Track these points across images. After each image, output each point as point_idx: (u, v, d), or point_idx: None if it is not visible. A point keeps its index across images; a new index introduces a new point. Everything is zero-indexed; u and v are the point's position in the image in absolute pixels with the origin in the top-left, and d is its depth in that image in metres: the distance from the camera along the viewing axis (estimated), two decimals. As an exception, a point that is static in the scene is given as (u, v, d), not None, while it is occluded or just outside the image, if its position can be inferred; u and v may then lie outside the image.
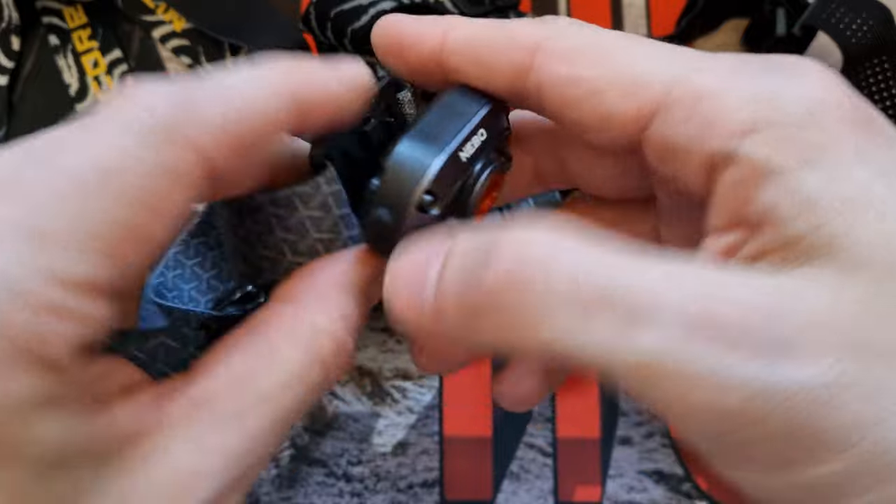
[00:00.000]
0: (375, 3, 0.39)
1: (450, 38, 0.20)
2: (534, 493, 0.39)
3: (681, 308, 0.16)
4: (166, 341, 0.20)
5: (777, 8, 0.41)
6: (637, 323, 0.16)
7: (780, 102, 0.17)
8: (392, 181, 0.19)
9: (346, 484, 0.39)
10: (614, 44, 0.19)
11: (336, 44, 0.40)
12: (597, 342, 0.16)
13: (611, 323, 0.16)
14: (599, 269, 0.16)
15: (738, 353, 0.15)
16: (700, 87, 0.18)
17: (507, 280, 0.16)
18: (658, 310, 0.16)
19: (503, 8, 0.42)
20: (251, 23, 0.43)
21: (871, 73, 0.39)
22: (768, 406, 0.15)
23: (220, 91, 0.18)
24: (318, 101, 0.19)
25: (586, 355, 0.16)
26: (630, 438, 0.40)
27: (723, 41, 0.44)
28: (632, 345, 0.16)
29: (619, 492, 0.39)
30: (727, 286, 0.16)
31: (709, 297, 0.16)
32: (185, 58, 0.44)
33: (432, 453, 0.39)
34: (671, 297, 0.16)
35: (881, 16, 0.38)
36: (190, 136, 0.17)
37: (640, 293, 0.16)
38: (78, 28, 0.44)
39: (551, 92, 0.20)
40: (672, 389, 0.16)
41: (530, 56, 0.20)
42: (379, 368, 0.40)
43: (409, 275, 0.18)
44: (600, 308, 0.16)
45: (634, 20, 0.45)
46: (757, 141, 0.17)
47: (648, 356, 0.16)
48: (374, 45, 0.22)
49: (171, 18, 0.44)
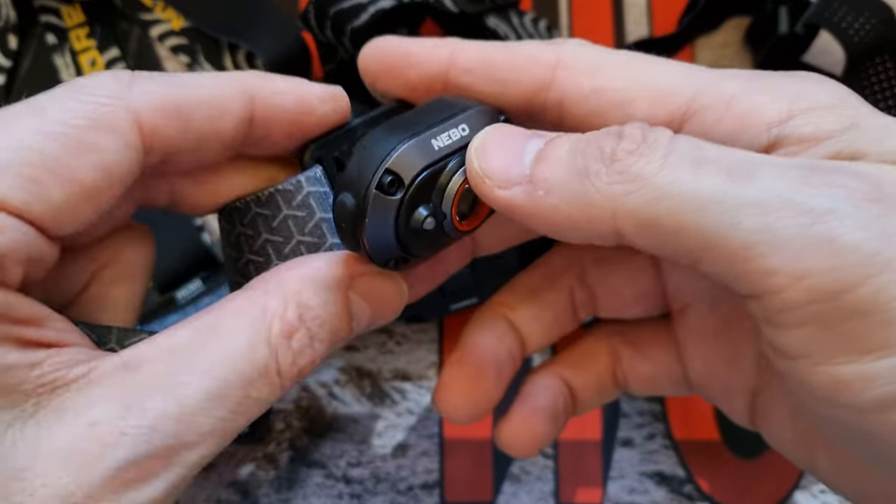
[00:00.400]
0: (375, 2, 0.39)
1: (460, 57, 0.21)
2: (534, 494, 0.39)
3: (787, 164, 0.17)
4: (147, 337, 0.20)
5: (779, 6, 0.41)
6: (745, 174, 0.17)
7: (808, 95, 0.19)
8: (354, 165, 0.19)
9: (345, 486, 0.39)
10: (632, 60, 0.21)
11: (335, 42, 0.40)
12: (707, 190, 0.17)
13: (719, 174, 0.17)
14: (705, 145, 0.18)
15: (853, 200, 0.16)
16: (729, 91, 0.19)
17: (635, 148, 0.17)
18: (764, 164, 0.17)
19: (503, 7, 0.42)
20: (250, 21, 0.42)
21: (874, 71, 0.39)
22: (889, 257, 0.15)
23: (172, 76, 0.20)
24: (275, 102, 0.20)
25: (696, 206, 0.17)
26: (631, 440, 0.39)
27: (724, 40, 0.44)
28: (741, 190, 0.16)
29: (621, 493, 0.39)
30: (827, 161, 0.18)
31: (812, 161, 0.17)
32: (183, 56, 0.44)
33: (432, 455, 0.39)
34: (770, 159, 0.17)
35: (883, 14, 0.38)
36: (126, 98, 0.18)
37: (743, 156, 0.17)
38: (76, 27, 0.44)
39: (575, 105, 0.21)
40: (784, 243, 0.16)
41: (551, 71, 0.21)
42: (378, 370, 0.40)
43: (502, 146, 0.19)
44: (710, 164, 0.17)
45: (636, 18, 0.44)
46: (798, 123, 0.18)
47: (762, 195, 0.16)
48: (365, 66, 0.23)
49: (170, 17, 0.44)
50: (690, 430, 0.39)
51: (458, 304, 0.37)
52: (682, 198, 0.16)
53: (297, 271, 0.20)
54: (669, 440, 0.39)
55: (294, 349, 0.19)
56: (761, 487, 0.39)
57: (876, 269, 0.15)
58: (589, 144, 0.18)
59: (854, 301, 0.15)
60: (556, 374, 0.25)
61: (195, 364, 0.18)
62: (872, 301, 0.15)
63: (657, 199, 0.17)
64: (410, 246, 0.20)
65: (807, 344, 0.17)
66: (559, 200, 0.18)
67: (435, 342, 0.40)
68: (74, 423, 0.16)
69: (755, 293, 0.17)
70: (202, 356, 0.18)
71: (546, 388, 0.25)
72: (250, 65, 0.43)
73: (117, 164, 0.18)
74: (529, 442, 0.25)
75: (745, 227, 0.16)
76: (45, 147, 0.17)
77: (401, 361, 0.40)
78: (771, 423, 0.23)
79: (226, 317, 0.19)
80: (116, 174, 0.18)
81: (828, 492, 0.39)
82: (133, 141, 0.18)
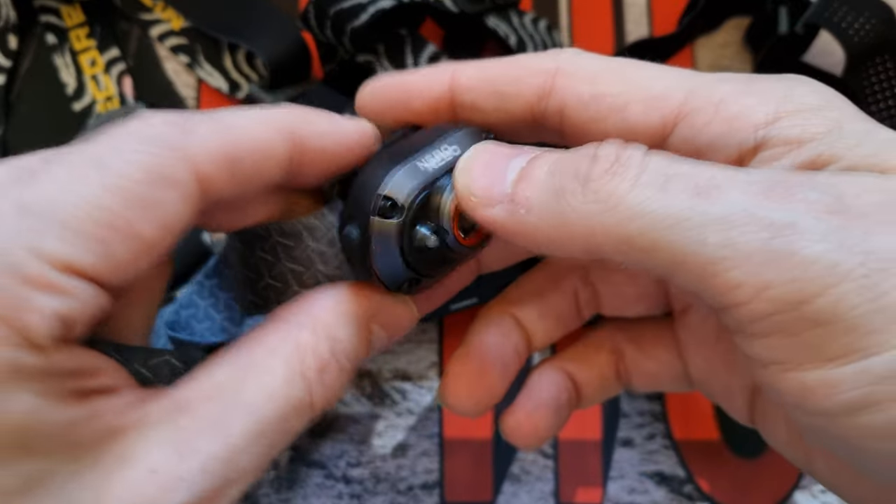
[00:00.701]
0: (375, 2, 0.39)
1: (461, 76, 0.22)
2: (534, 494, 0.39)
3: (750, 179, 0.17)
4: (171, 360, 0.20)
5: (779, 6, 0.41)
6: (711, 190, 0.17)
7: (796, 97, 0.19)
8: (353, 197, 0.20)
9: (345, 486, 0.39)
10: (628, 66, 0.21)
11: (335, 42, 0.40)
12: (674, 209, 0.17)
13: (686, 193, 0.17)
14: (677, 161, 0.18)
15: (814, 213, 0.16)
16: (719, 94, 0.20)
17: (609, 167, 0.18)
18: (728, 180, 0.17)
19: (503, 7, 0.42)
20: (250, 21, 0.42)
21: (874, 71, 0.39)
22: (848, 268, 0.16)
23: (219, 117, 0.19)
24: (316, 144, 0.20)
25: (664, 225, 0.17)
26: (631, 440, 0.39)
27: (724, 40, 0.44)
28: (706, 207, 0.17)
29: (621, 493, 0.39)
30: (791, 172, 0.18)
31: (776, 173, 0.18)
32: (183, 56, 0.44)
33: (432, 455, 0.39)
34: (734, 175, 0.18)
35: (883, 14, 0.38)
36: (185, 148, 0.18)
37: (710, 173, 0.18)
38: (76, 27, 0.44)
39: (575, 112, 0.21)
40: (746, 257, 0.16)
41: (550, 79, 0.21)
42: (378, 370, 0.40)
43: (487, 166, 0.20)
44: (677, 183, 0.17)
45: (636, 18, 0.44)
46: (784, 125, 0.19)
47: (725, 212, 0.17)
48: (364, 104, 0.24)
49: (170, 17, 0.44)
50: (690, 430, 0.39)
51: (458, 304, 0.37)
52: (652, 216, 0.17)
53: (326, 303, 0.20)
54: (669, 440, 0.39)
55: (325, 382, 0.19)
56: (761, 487, 0.39)
57: (835, 279, 0.16)
58: (566, 164, 0.19)
59: (814, 311, 0.16)
60: (561, 369, 0.26)
61: (238, 404, 0.18)
62: (832, 311, 0.16)
63: (629, 219, 0.17)
64: (419, 266, 0.21)
65: (774, 352, 0.17)
66: (539, 219, 0.19)
67: (435, 342, 0.40)
68: (135, 470, 0.17)
69: (723, 305, 0.17)
70: (243, 395, 0.18)
71: (550, 382, 0.26)
72: (250, 65, 0.43)
73: (177, 218, 0.18)
74: (532, 434, 0.25)
75: (711, 242, 0.17)
76: (111, 204, 0.17)
77: (401, 361, 0.40)
78: (769, 423, 0.24)
79: (262, 353, 0.19)
80: (175, 227, 0.18)
81: (828, 492, 0.39)
82: (192, 193, 0.18)
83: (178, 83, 0.44)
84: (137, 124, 0.18)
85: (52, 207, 0.16)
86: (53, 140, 0.45)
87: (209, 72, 0.43)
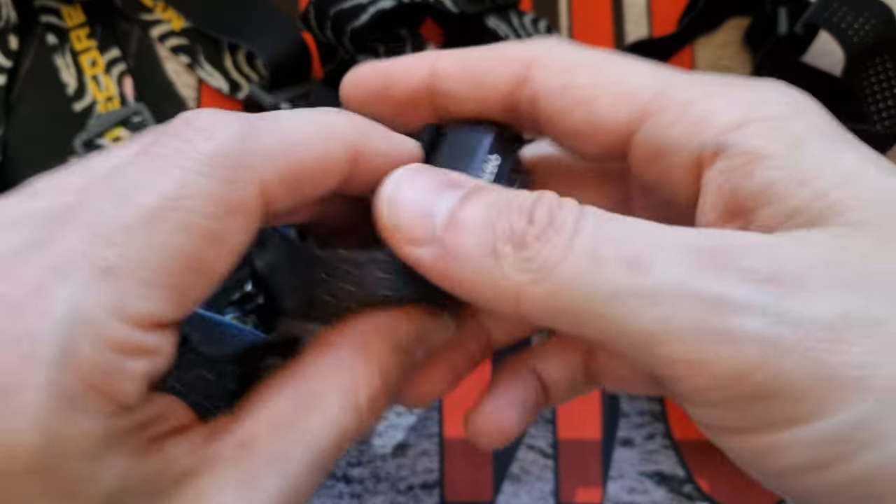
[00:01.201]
0: (375, 2, 0.39)
1: (440, 65, 0.22)
2: (534, 494, 0.39)
3: (685, 247, 0.17)
4: (203, 373, 0.20)
5: (779, 7, 0.41)
6: (644, 262, 0.16)
7: (764, 103, 0.19)
8: None
9: (345, 485, 0.39)
10: (604, 59, 0.21)
11: (335, 42, 0.40)
12: (605, 283, 0.16)
13: (617, 266, 0.16)
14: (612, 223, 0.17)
15: (750, 284, 0.16)
16: (688, 94, 0.19)
17: (541, 232, 0.17)
18: (661, 250, 0.17)
19: (503, 7, 0.42)
20: (250, 21, 0.42)
21: (874, 72, 0.39)
22: (787, 342, 0.15)
23: (283, 128, 0.18)
24: (372, 162, 0.20)
25: (596, 300, 0.17)
26: (631, 440, 0.40)
27: (724, 40, 0.44)
28: (638, 282, 0.16)
29: (620, 493, 0.39)
30: (729, 234, 0.17)
31: (712, 238, 0.17)
32: (183, 57, 0.44)
33: (432, 455, 0.39)
34: (669, 241, 0.17)
35: (883, 15, 0.38)
36: (252, 167, 0.17)
37: (643, 241, 0.17)
38: (76, 27, 0.44)
39: (546, 102, 0.21)
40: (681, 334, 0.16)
41: (526, 69, 0.21)
42: (378, 369, 0.40)
43: (413, 199, 0.19)
44: (608, 254, 0.17)
45: (636, 19, 0.44)
46: (746, 133, 0.18)
47: (658, 287, 0.16)
48: (348, 93, 0.23)
49: (170, 17, 0.44)
50: (690, 429, 0.40)
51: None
52: (583, 290, 0.17)
53: (380, 334, 0.20)
54: (669, 440, 0.40)
55: (374, 411, 0.19)
56: (761, 487, 0.39)
57: (775, 355, 0.16)
58: (501, 219, 0.18)
59: (755, 386, 0.16)
60: (529, 367, 0.25)
61: (298, 438, 0.18)
62: (773, 385, 0.16)
63: (557, 292, 0.17)
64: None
65: (719, 420, 0.17)
66: (468, 273, 0.18)
67: (435, 342, 0.40)
68: None
69: (664, 377, 0.17)
70: (302, 428, 0.18)
71: (517, 381, 0.25)
72: (250, 65, 0.43)
73: (242, 241, 0.17)
74: (497, 432, 0.25)
75: (645, 318, 0.16)
76: (185, 247, 0.16)
77: (401, 361, 0.40)
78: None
79: (318, 385, 0.19)
80: (241, 250, 0.18)
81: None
82: (258, 216, 0.18)
83: (179, 83, 0.44)
84: (199, 136, 0.17)
85: (131, 266, 0.15)
86: (54, 140, 0.45)
87: (209, 72, 0.43)
